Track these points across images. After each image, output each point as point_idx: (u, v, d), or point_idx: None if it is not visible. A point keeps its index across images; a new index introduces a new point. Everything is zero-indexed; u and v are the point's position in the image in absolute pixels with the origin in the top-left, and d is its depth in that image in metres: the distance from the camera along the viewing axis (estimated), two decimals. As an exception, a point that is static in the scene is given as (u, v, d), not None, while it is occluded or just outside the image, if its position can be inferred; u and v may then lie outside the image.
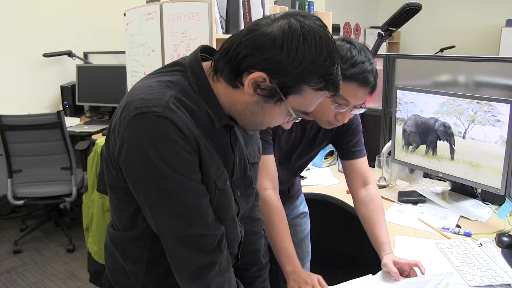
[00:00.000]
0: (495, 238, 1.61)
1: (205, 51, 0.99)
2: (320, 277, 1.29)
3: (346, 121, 1.39)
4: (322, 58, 0.86)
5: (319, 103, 1.28)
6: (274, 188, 1.45)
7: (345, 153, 1.60)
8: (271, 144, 1.47)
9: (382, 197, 1.98)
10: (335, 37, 1.30)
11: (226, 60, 0.89)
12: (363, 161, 1.60)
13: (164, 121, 0.84)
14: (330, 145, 1.66)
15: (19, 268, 3.06)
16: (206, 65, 0.95)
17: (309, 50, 0.85)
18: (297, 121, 0.96)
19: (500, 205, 1.72)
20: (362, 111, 1.39)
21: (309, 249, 1.88)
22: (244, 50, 0.87)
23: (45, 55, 3.81)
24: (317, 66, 0.86)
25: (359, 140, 1.59)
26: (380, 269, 1.42)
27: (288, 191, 1.76)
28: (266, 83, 0.87)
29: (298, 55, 0.85)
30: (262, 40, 0.85)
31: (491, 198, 1.91)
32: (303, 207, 1.87)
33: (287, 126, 1.00)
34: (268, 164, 1.45)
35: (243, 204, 1.10)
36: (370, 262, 1.43)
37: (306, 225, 1.87)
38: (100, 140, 1.70)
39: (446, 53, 5.80)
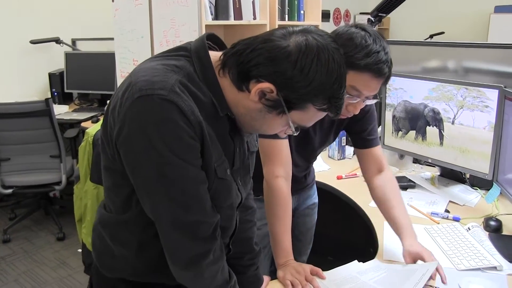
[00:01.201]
0: (483, 222, 1.63)
1: (209, 39, 0.98)
2: (312, 266, 1.30)
3: (357, 112, 1.32)
4: (331, 80, 0.87)
5: None
6: (287, 177, 1.40)
7: (361, 141, 1.55)
8: None
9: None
10: (349, 23, 1.30)
11: (236, 62, 0.89)
12: (378, 149, 1.56)
13: (169, 104, 0.83)
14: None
15: (9, 257, 3.04)
16: (213, 55, 0.94)
17: (321, 71, 0.85)
18: (295, 134, 0.97)
19: (488, 190, 1.75)
20: (374, 101, 1.35)
21: (312, 237, 1.88)
22: (257, 58, 0.86)
23: (32, 42, 3.75)
24: (325, 88, 0.87)
25: (374, 127, 1.55)
26: (371, 255, 1.44)
27: (304, 179, 1.72)
28: (273, 94, 0.87)
29: (310, 74, 0.85)
30: (278, 52, 0.85)
31: (479, 183, 1.94)
32: (315, 198, 1.84)
33: (282, 135, 1.00)
34: (282, 150, 1.39)
35: (244, 193, 1.10)
36: (361, 248, 1.45)
37: (315, 215, 1.85)
38: (91, 129, 1.68)
39: (435, 39, 5.81)
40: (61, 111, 3.59)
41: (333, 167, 2.29)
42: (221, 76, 0.92)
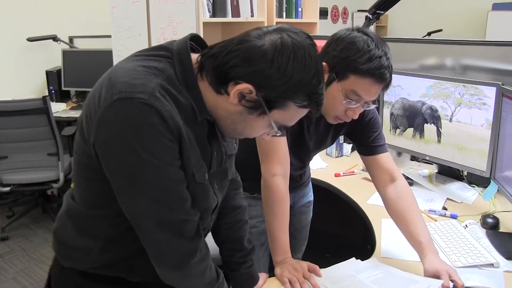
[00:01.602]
0: (480, 219, 1.64)
1: (193, 40, 0.97)
2: (309, 263, 1.30)
3: (356, 117, 1.31)
4: (309, 76, 0.87)
5: (329, 97, 1.28)
6: (284, 175, 1.38)
7: (366, 149, 1.49)
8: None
9: (370, 180, 2.00)
10: (349, 27, 1.29)
11: (213, 65, 0.88)
12: (386, 156, 1.48)
13: (149, 109, 0.82)
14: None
15: (7, 255, 3.04)
16: (194, 57, 0.93)
17: (298, 68, 0.85)
18: (278, 135, 0.96)
19: (486, 187, 1.75)
20: (372, 107, 1.34)
21: (307, 235, 1.88)
22: (233, 60, 0.86)
23: (29, 40, 3.73)
24: (304, 84, 0.87)
25: (379, 134, 1.48)
26: (369, 252, 1.45)
27: (300, 177, 1.71)
28: (252, 95, 0.87)
29: (287, 72, 0.85)
30: (253, 52, 0.85)
31: (476, 180, 1.94)
32: (310, 196, 1.84)
33: (267, 138, 1.00)
34: (280, 147, 1.38)
35: (220, 197, 1.10)
36: (359, 245, 1.45)
37: (310, 213, 1.85)
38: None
39: (433, 36, 5.81)
40: (58, 109, 3.58)
41: (331, 165, 2.29)
42: (199, 79, 0.91)
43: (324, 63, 1.27)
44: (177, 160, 0.89)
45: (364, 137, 1.48)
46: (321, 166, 2.27)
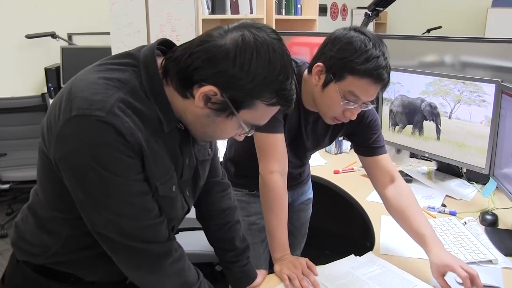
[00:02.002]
0: (479, 216, 1.64)
1: (164, 44, 0.94)
2: (308, 260, 1.30)
3: (354, 118, 1.30)
4: (275, 73, 0.84)
5: (327, 98, 1.28)
6: (282, 172, 1.37)
7: (365, 150, 1.47)
8: (282, 122, 1.36)
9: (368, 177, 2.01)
10: (346, 26, 1.28)
11: (177, 68, 0.86)
12: (386, 157, 1.46)
13: (106, 126, 0.80)
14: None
15: (6, 252, 3.04)
16: (160, 62, 0.90)
17: (263, 65, 0.83)
18: (249, 134, 0.94)
19: (485, 184, 1.76)
20: (370, 107, 1.33)
21: (306, 232, 1.88)
22: (196, 62, 0.83)
23: (28, 37, 3.73)
24: (270, 81, 0.84)
25: (379, 136, 1.47)
26: (368, 249, 1.45)
27: (299, 175, 1.70)
28: (218, 97, 0.84)
29: (251, 70, 0.82)
30: (215, 52, 0.82)
31: (475, 177, 1.94)
32: (310, 193, 1.83)
33: (240, 139, 0.98)
34: (277, 145, 1.36)
35: (191, 203, 1.10)
36: (358, 242, 1.45)
37: (309, 210, 1.84)
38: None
39: (432, 33, 5.81)
40: (57, 106, 3.58)
41: (330, 162, 2.29)
42: (166, 85, 0.89)
43: (320, 64, 1.27)
44: (140, 174, 0.88)
45: (364, 138, 1.47)
46: (320, 163, 2.27)
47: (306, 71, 1.36)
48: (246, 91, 0.84)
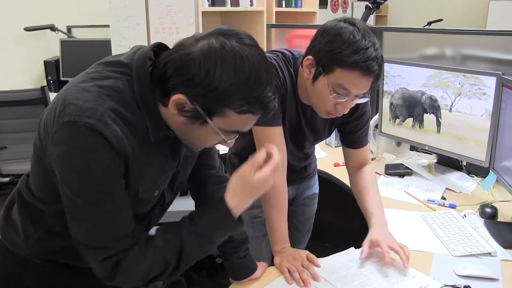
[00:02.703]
0: (479, 209, 1.64)
1: (159, 47, 0.95)
2: (308, 252, 1.31)
3: (346, 112, 1.29)
4: (242, 80, 0.83)
5: (317, 92, 1.27)
6: (281, 165, 1.37)
7: (350, 142, 1.52)
8: (280, 115, 1.36)
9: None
10: (337, 18, 1.25)
11: (155, 78, 0.88)
12: (365, 149, 1.53)
13: (94, 133, 0.82)
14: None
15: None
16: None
17: (227, 72, 0.82)
18: (229, 141, 0.94)
19: (484, 177, 1.76)
20: (364, 100, 1.30)
21: (311, 227, 1.88)
22: (169, 71, 0.85)
23: (27, 29, 3.71)
24: (236, 88, 0.83)
25: (366, 129, 1.51)
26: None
27: (304, 169, 1.69)
28: (189, 105, 0.85)
29: (216, 77, 0.82)
30: (183, 61, 0.84)
31: (475, 170, 1.94)
32: (316, 188, 1.82)
33: (229, 145, 0.97)
34: (275, 138, 1.35)
35: (169, 196, 1.10)
36: (358, 235, 1.45)
37: (314, 205, 1.84)
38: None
39: (433, 26, 5.78)
40: (57, 99, 3.57)
41: (330, 154, 2.29)
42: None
43: (310, 57, 1.25)
44: (122, 187, 0.89)
45: (353, 130, 1.49)
46: (320, 156, 2.28)
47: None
48: (213, 99, 0.84)
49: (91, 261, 0.92)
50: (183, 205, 1.37)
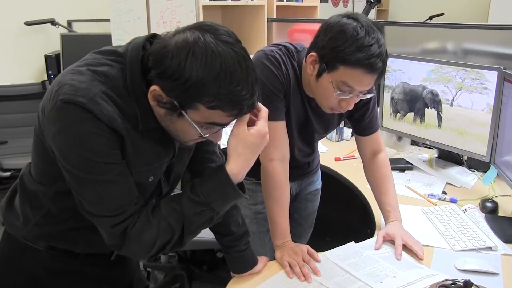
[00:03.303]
0: (480, 204, 1.64)
1: (152, 37, 0.96)
2: (309, 247, 1.31)
3: (351, 108, 1.28)
4: (212, 76, 0.83)
5: (321, 89, 1.26)
6: (282, 159, 1.37)
7: (361, 129, 1.53)
8: (282, 109, 1.36)
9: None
10: (341, 13, 1.24)
11: (141, 69, 0.90)
12: (377, 134, 1.54)
13: (86, 112, 0.85)
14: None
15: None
16: None
17: (197, 67, 0.83)
18: (205, 136, 0.93)
19: (485, 171, 1.76)
20: (368, 96, 1.30)
21: (313, 223, 1.88)
22: (149, 63, 0.88)
23: (27, 23, 3.70)
24: (206, 83, 0.83)
25: (374, 114, 1.51)
26: (368, 236, 1.45)
27: (308, 165, 1.69)
28: (164, 97, 0.87)
29: (187, 71, 0.83)
30: (159, 53, 0.86)
31: (476, 165, 1.94)
32: (318, 184, 1.82)
33: (216, 139, 0.98)
34: (277, 132, 1.34)
35: (166, 187, 1.11)
36: (358, 229, 1.46)
37: (317, 201, 1.84)
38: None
39: (435, 20, 5.76)
40: (58, 93, 3.57)
41: (331, 149, 2.29)
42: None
43: (314, 53, 1.25)
44: (118, 157, 0.91)
45: (363, 118, 1.49)
46: (321, 150, 2.27)
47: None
48: (183, 92, 0.85)
49: (101, 229, 0.95)
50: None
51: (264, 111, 0.98)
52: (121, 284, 1.24)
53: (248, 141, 0.95)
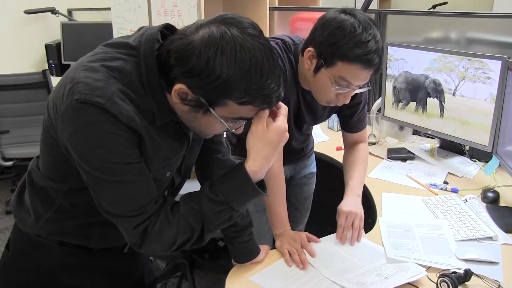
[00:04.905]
0: (481, 193, 1.64)
1: (167, 28, 0.94)
2: (308, 234, 1.33)
3: (347, 101, 1.31)
4: (242, 71, 0.81)
5: (319, 83, 1.28)
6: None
7: (348, 127, 1.60)
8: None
9: (371, 153, 2.01)
10: (338, 8, 1.24)
11: (159, 66, 0.88)
12: (362, 132, 1.61)
13: (104, 112, 0.83)
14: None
15: (12, 227, 3.08)
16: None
17: (228, 63, 0.81)
18: (233, 131, 0.93)
19: (487, 162, 1.75)
20: (364, 90, 1.33)
21: (310, 206, 1.91)
22: (171, 60, 0.85)
23: (27, 12, 3.68)
24: (237, 80, 0.82)
25: (364, 115, 1.57)
26: (370, 226, 1.46)
27: (302, 150, 1.73)
28: (191, 94, 0.85)
29: (216, 69, 0.81)
30: (183, 51, 0.83)
31: (478, 155, 1.94)
32: (313, 167, 1.86)
33: (238, 131, 0.96)
34: None
35: (178, 179, 1.11)
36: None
37: (312, 184, 1.88)
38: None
39: (438, 9, 5.71)
40: (59, 82, 3.56)
41: (333, 138, 2.29)
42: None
43: (311, 48, 1.26)
44: (137, 156, 0.90)
45: (352, 116, 1.55)
46: (323, 139, 2.27)
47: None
48: (213, 90, 0.83)
49: (122, 229, 0.94)
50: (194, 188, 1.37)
51: (284, 108, 0.96)
52: (132, 276, 1.25)
53: (268, 138, 0.93)
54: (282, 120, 0.94)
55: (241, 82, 0.82)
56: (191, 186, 1.25)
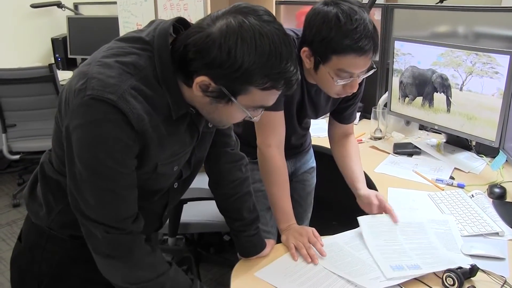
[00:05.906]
0: (487, 189, 1.64)
1: (179, 22, 0.95)
2: (314, 229, 1.32)
3: (355, 90, 1.30)
4: (264, 57, 0.83)
5: (323, 80, 1.29)
6: (279, 146, 1.42)
7: (341, 118, 1.61)
8: (282, 99, 1.38)
9: (378, 148, 2.00)
10: (321, 1, 1.23)
11: (176, 59, 0.88)
12: (351, 125, 1.64)
13: (115, 110, 0.84)
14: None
15: (19, 220, 3.11)
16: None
17: (248, 51, 0.82)
18: (254, 117, 0.94)
19: (494, 157, 1.74)
20: (370, 73, 1.31)
21: (312, 201, 1.92)
22: (190, 54, 0.86)
23: (33, 6, 3.69)
24: (259, 66, 0.83)
25: (356, 107, 1.60)
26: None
27: (301, 145, 1.74)
28: (213, 86, 0.86)
29: (238, 58, 0.82)
30: (203, 43, 0.84)
31: (485, 150, 1.93)
32: (312, 162, 1.87)
33: (256, 119, 0.97)
34: (276, 122, 1.40)
35: (187, 171, 1.12)
36: (365, 213, 1.46)
37: (313, 179, 1.88)
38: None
39: (446, 3, 5.67)
40: (65, 77, 3.56)
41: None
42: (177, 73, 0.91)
43: (306, 48, 1.27)
44: (131, 168, 0.91)
45: (346, 109, 1.57)
46: (324, 134, 2.25)
47: None
48: (236, 79, 0.85)
49: (88, 231, 0.94)
50: (203, 182, 1.38)
51: None
52: None
53: None
54: None
55: (263, 68, 0.84)
56: (201, 181, 1.26)
